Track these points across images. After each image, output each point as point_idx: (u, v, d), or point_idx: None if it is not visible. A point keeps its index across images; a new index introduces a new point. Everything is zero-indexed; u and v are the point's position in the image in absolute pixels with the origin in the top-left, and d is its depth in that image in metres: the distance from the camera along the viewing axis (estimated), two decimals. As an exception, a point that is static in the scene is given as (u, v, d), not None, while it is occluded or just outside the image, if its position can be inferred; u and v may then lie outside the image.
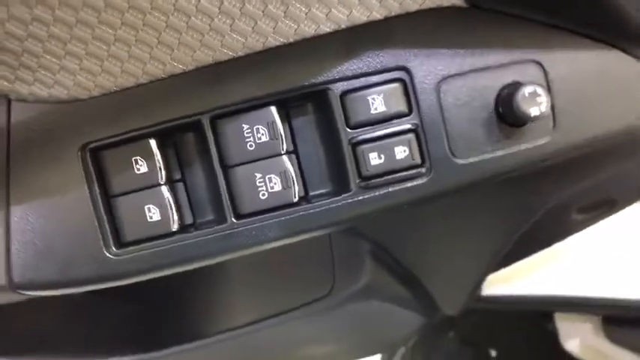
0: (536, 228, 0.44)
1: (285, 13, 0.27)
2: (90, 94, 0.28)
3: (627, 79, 0.31)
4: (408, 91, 0.28)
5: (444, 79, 0.28)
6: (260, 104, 0.28)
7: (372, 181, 0.29)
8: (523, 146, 0.29)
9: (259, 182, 0.29)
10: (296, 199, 0.29)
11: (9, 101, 0.28)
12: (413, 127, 0.28)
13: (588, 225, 0.50)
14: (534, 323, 0.91)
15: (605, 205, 0.47)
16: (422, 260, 0.48)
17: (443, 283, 0.52)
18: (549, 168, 0.31)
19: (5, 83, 0.28)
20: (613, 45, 0.30)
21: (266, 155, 0.29)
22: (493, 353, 0.93)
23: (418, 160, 0.29)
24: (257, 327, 0.49)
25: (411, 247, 0.46)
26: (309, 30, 0.28)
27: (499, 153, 0.29)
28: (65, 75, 0.27)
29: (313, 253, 0.48)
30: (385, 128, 0.28)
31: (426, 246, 0.47)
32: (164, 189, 0.29)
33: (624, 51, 0.30)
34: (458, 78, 0.29)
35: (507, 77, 0.29)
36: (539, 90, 0.27)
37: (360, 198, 0.29)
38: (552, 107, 0.29)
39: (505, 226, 0.42)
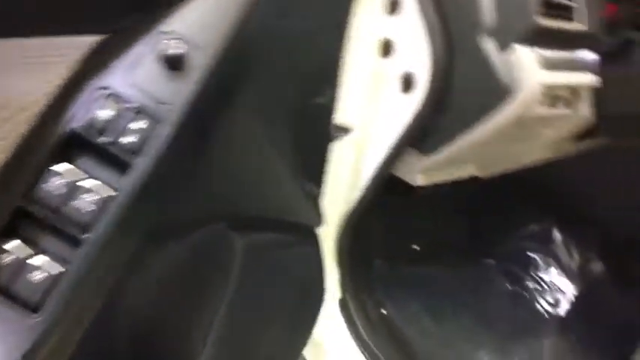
0: (308, 122, 0.61)
1: None
2: None
3: None
4: (118, 96, 0.44)
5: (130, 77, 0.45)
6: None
7: (137, 150, 0.43)
8: (195, 77, 0.46)
9: (81, 204, 0.42)
10: (115, 194, 0.42)
11: None
12: (138, 109, 0.44)
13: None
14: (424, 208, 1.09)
15: None
16: (265, 200, 0.61)
17: (293, 206, 0.66)
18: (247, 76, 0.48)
19: None
20: None
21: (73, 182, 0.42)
22: (417, 247, 1.09)
23: (153, 124, 0.44)
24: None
25: (247, 198, 0.59)
26: None
27: (189, 87, 0.46)
28: None
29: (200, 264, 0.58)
30: (123, 121, 0.43)
31: (258, 189, 0.60)
32: (31, 260, 0.41)
33: None
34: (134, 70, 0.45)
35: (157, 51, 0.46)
36: (176, 42, 0.45)
37: (141, 167, 0.43)
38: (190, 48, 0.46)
39: (283, 128, 0.58)
